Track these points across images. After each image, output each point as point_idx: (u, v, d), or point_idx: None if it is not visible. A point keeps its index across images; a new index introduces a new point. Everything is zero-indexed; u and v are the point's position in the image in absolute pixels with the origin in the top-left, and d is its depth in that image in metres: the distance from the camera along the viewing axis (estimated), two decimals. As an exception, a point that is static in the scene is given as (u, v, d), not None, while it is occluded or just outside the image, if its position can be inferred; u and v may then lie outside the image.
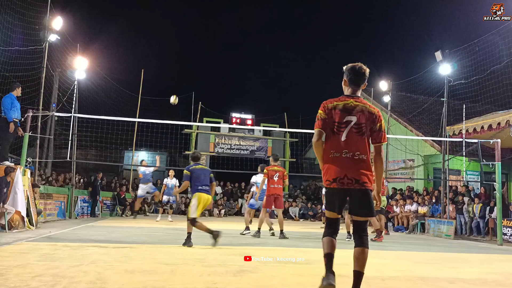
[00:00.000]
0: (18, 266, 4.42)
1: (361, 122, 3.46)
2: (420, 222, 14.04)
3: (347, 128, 3.45)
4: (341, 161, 3.43)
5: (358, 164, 3.41)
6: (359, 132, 3.46)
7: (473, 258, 7.35)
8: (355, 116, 3.47)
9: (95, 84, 17.68)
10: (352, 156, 3.42)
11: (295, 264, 5.48)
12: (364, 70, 3.68)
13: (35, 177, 12.10)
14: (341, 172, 3.41)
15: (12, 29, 11.90)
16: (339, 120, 3.48)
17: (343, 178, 3.40)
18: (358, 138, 3.45)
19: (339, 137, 3.46)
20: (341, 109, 3.50)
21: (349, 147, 3.43)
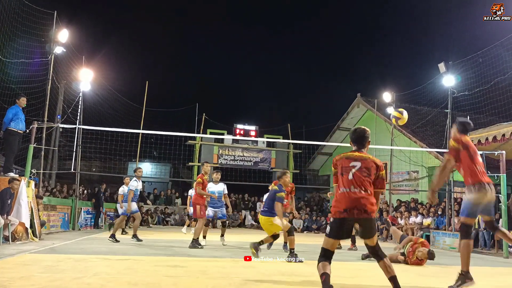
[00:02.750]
0: (21, 278, 4.41)
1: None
2: (425, 234, 13.92)
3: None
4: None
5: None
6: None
7: (479, 271, 7.25)
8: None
9: (99, 95, 17.80)
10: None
11: (297, 277, 5.44)
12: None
13: (39, 189, 12.12)
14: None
15: (18, 42, 12.02)
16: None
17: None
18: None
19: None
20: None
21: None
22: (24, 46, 12.25)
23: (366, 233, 3.96)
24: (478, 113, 13.87)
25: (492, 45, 12.91)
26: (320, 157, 25.14)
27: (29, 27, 12.06)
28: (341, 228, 3.93)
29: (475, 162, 4.89)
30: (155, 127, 18.63)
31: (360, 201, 3.87)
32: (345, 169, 4.04)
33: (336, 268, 6.63)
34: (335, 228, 3.95)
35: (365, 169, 4.00)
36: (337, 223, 3.93)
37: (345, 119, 23.00)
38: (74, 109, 14.15)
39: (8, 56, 11.63)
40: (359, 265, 7.16)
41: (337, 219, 3.92)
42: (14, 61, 11.91)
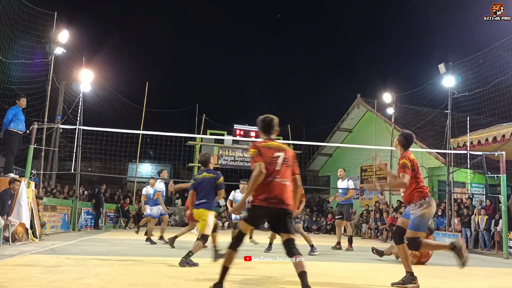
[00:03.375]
0: (22, 278, 4.41)
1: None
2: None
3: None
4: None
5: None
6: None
7: (479, 272, 7.26)
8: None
9: (100, 96, 17.82)
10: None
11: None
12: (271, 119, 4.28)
13: (39, 189, 12.12)
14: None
15: (19, 43, 12.03)
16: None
17: None
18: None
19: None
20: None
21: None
22: (25, 47, 12.27)
23: (280, 227, 3.98)
24: (478, 114, 13.87)
25: (492, 46, 12.91)
26: (320, 157, 25.13)
27: (29, 28, 12.07)
28: (257, 216, 4.01)
29: (420, 178, 5.15)
30: (155, 128, 18.65)
31: (283, 191, 3.93)
32: (272, 159, 4.01)
33: (335, 269, 6.64)
34: (252, 215, 4.01)
35: (286, 160, 4.07)
36: (256, 210, 3.96)
37: (345, 120, 23.01)
38: (74, 110, 14.16)
39: (8, 57, 11.64)
40: (358, 266, 7.16)
41: (257, 206, 3.93)
42: (15, 61, 11.92)
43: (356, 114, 22.69)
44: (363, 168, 21.87)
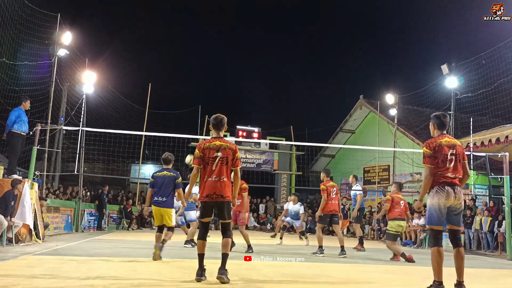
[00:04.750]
0: (25, 279, 4.42)
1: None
2: (428, 236, 13.89)
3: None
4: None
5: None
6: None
7: (484, 273, 7.24)
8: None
9: (102, 98, 17.85)
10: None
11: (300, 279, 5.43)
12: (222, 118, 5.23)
13: (43, 190, 12.16)
14: None
15: (22, 44, 12.07)
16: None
17: None
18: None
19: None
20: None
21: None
22: (28, 48, 12.32)
23: (221, 215, 4.91)
24: (481, 114, 13.84)
25: (495, 47, 12.89)
26: (323, 159, 25.10)
27: (33, 30, 12.13)
28: (205, 210, 4.91)
29: (440, 165, 4.77)
30: (158, 129, 18.66)
31: (220, 188, 4.79)
32: (211, 159, 4.84)
33: (338, 270, 6.63)
34: (202, 210, 4.99)
35: (225, 158, 4.85)
36: (202, 205, 4.95)
37: (348, 121, 22.98)
38: (77, 111, 14.20)
39: (12, 59, 11.68)
40: (362, 267, 7.15)
41: (202, 202, 4.93)
42: (18, 63, 11.96)
43: (359, 115, 22.66)
44: (366, 169, 21.84)
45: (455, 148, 4.74)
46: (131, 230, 16.39)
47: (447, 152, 4.69)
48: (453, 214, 4.72)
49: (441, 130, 4.89)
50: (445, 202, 4.64)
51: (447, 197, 4.62)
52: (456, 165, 4.72)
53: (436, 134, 4.91)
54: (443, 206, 4.65)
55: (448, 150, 4.70)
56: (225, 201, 4.83)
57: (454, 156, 4.70)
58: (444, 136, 4.84)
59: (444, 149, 4.70)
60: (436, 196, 4.67)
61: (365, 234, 18.00)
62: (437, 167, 4.69)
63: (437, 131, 4.92)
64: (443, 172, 4.67)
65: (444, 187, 4.64)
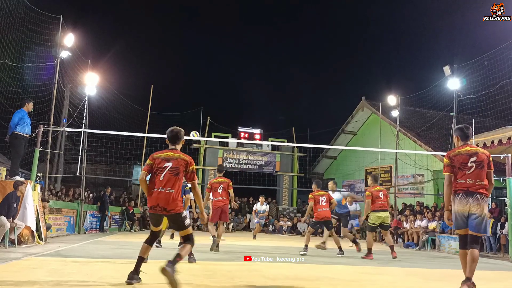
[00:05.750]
0: (27, 281, 4.43)
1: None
2: (431, 238, 13.86)
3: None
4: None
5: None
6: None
7: (486, 275, 7.22)
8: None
9: (105, 99, 17.88)
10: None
11: (302, 280, 5.43)
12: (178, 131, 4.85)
13: (45, 192, 12.18)
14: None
15: (25, 46, 12.11)
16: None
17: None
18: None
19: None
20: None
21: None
22: (31, 50, 12.35)
23: (175, 227, 4.86)
24: (484, 116, 13.80)
25: (497, 48, 12.86)
26: (325, 160, 25.09)
27: (35, 32, 12.16)
28: (154, 220, 4.72)
29: (459, 173, 4.92)
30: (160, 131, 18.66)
31: (164, 200, 4.49)
32: (160, 169, 4.57)
33: (340, 271, 6.63)
34: (150, 219, 4.82)
35: (175, 169, 4.56)
36: (151, 216, 4.74)
37: (349, 123, 22.98)
38: (79, 113, 14.23)
39: (14, 61, 11.72)
40: (363, 269, 7.14)
41: (151, 214, 4.67)
42: (20, 65, 12.00)
43: (361, 116, 22.65)
44: (368, 171, 21.81)
45: (476, 156, 4.88)
46: (133, 231, 16.41)
47: (466, 160, 4.87)
48: (471, 220, 4.83)
49: (464, 141, 5.08)
50: (460, 209, 4.80)
51: (463, 203, 4.78)
52: (478, 172, 4.84)
53: (459, 145, 5.11)
54: (460, 212, 4.81)
55: (468, 158, 4.87)
56: (169, 214, 4.55)
57: (475, 163, 4.84)
58: (466, 145, 5.01)
59: (462, 157, 4.89)
60: (453, 202, 4.87)
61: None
62: (455, 176, 4.90)
63: (460, 142, 5.11)
64: (461, 179, 4.84)
65: (459, 194, 4.82)
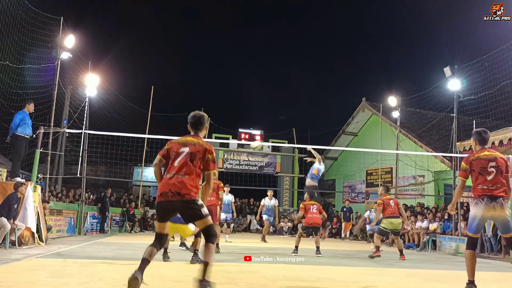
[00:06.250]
0: (28, 282, 4.43)
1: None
2: (432, 239, 13.85)
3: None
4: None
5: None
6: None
7: (487, 276, 7.21)
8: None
9: (105, 100, 17.88)
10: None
11: (303, 282, 5.43)
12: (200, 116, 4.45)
13: (46, 193, 12.17)
14: None
15: (25, 48, 12.12)
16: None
17: None
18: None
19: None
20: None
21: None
22: (31, 52, 12.35)
23: (190, 217, 4.12)
24: (484, 117, 13.78)
25: (498, 49, 12.85)
26: (326, 161, 25.03)
27: (36, 33, 12.16)
28: (162, 211, 4.06)
29: (479, 178, 4.97)
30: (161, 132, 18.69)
31: (178, 185, 3.94)
32: (174, 155, 4.11)
33: (340, 273, 6.62)
34: (157, 211, 4.13)
35: (191, 154, 4.06)
36: (159, 207, 4.08)
37: (350, 124, 22.97)
38: (80, 114, 14.23)
39: (14, 62, 11.73)
40: (363, 270, 7.13)
41: (157, 202, 4.07)
42: (21, 66, 12.00)
43: (361, 117, 22.65)
44: (369, 172, 21.81)
45: (495, 161, 4.91)
46: (134, 233, 16.40)
47: (486, 165, 4.89)
48: (498, 223, 4.92)
49: (482, 145, 5.11)
50: (484, 214, 4.83)
51: (488, 208, 4.80)
52: (498, 177, 4.87)
53: (477, 149, 5.13)
54: (481, 217, 4.85)
55: (487, 163, 4.90)
56: (183, 200, 3.94)
57: (494, 168, 4.87)
58: (484, 150, 5.04)
59: (482, 162, 4.91)
60: (475, 207, 4.87)
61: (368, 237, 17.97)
62: (476, 180, 4.91)
63: (478, 146, 5.14)
64: (483, 184, 4.85)
65: (483, 199, 4.82)
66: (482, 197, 4.81)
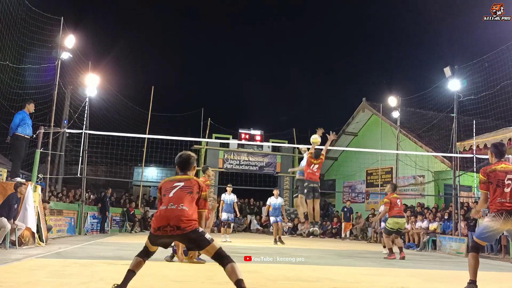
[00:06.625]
0: (28, 282, 4.43)
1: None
2: (432, 239, 13.85)
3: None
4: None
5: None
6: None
7: (487, 276, 7.21)
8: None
9: (105, 101, 17.89)
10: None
11: (303, 282, 5.43)
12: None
13: (46, 193, 12.17)
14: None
15: (25, 48, 12.12)
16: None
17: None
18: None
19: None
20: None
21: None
22: (31, 52, 12.35)
23: (196, 247, 4.03)
24: (484, 117, 13.78)
25: (498, 49, 12.85)
26: (326, 161, 24.97)
27: (36, 33, 12.16)
28: (162, 243, 3.95)
29: (497, 191, 4.98)
30: (161, 132, 18.69)
31: (176, 218, 3.80)
32: (168, 190, 4.00)
33: (341, 273, 6.62)
34: (152, 239, 3.97)
35: (187, 187, 4.00)
36: (152, 238, 3.96)
37: (350, 124, 22.97)
38: (80, 114, 14.23)
39: (15, 62, 11.73)
40: (364, 270, 7.14)
41: (153, 235, 3.92)
42: (21, 66, 12.00)
43: (362, 117, 22.65)
44: (369, 172, 21.81)
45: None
46: (134, 233, 16.40)
47: (503, 177, 4.91)
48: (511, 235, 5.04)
49: (498, 158, 5.15)
50: (501, 228, 4.88)
51: (505, 223, 4.83)
52: None
53: (493, 161, 5.16)
54: (497, 230, 4.91)
55: (504, 175, 4.92)
56: (184, 233, 3.80)
57: (511, 181, 4.89)
58: (501, 162, 5.07)
59: (499, 174, 4.93)
60: (493, 220, 4.87)
61: (368, 237, 17.97)
62: (494, 193, 4.92)
63: (494, 158, 5.18)
64: (501, 197, 4.86)
65: (502, 214, 4.83)
66: (501, 211, 4.83)
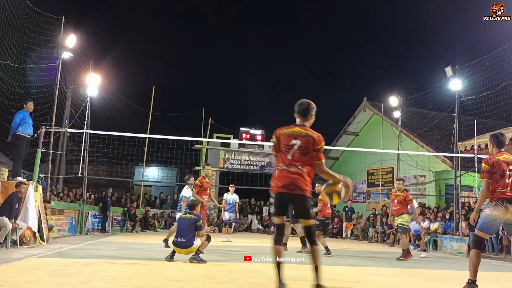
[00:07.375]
0: (29, 282, 4.43)
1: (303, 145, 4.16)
2: (433, 239, 13.84)
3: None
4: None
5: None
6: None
7: (488, 276, 7.20)
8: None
9: (106, 100, 17.91)
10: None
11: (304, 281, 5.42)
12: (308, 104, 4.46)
13: (47, 193, 12.19)
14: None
15: (26, 47, 12.13)
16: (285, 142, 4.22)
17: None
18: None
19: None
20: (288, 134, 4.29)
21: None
22: (32, 51, 12.37)
23: (298, 213, 4.17)
24: (486, 117, 13.77)
25: (499, 49, 12.83)
26: (327, 161, 24.87)
27: (37, 33, 12.18)
28: (281, 204, 4.17)
29: (500, 181, 5.00)
30: (162, 132, 18.70)
31: (295, 179, 4.06)
32: (286, 147, 4.20)
33: (342, 273, 6.62)
34: (276, 203, 4.22)
35: (304, 147, 4.16)
36: (276, 198, 4.20)
37: (351, 123, 22.96)
38: (81, 114, 14.25)
39: (16, 62, 11.74)
40: (365, 270, 7.13)
41: (276, 194, 4.17)
42: (23, 66, 12.02)
43: (363, 117, 22.63)
44: (370, 172, 21.79)
45: None
46: (135, 232, 16.41)
47: (505, 168, 4.97)
48: (508, 225, 5.04)
49: (499, 148, 5.20)
50: (502, 216, 4.90)
51: (505, 211, 4.87)
52: None
53: (494, 152, 5.20)
54: (499, 219, 4.91)
55: (506, 166, 4.98)
56: (300, 194, 4.08)
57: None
58: (502, 153, 5.12)
59: (502, 164, 4.98)
60: (494, 209, 4.91)
61: (369, 237, 17.96)
62: (496, 183, 4.96)
63: (495, 149, 5.24)
64: (502, 187, 4.92)
65: (502, 202, 4.88)
66: (502, 199, 4.87)
